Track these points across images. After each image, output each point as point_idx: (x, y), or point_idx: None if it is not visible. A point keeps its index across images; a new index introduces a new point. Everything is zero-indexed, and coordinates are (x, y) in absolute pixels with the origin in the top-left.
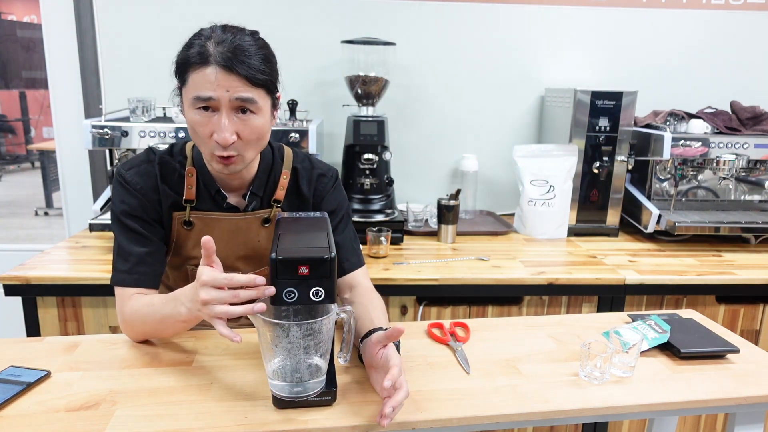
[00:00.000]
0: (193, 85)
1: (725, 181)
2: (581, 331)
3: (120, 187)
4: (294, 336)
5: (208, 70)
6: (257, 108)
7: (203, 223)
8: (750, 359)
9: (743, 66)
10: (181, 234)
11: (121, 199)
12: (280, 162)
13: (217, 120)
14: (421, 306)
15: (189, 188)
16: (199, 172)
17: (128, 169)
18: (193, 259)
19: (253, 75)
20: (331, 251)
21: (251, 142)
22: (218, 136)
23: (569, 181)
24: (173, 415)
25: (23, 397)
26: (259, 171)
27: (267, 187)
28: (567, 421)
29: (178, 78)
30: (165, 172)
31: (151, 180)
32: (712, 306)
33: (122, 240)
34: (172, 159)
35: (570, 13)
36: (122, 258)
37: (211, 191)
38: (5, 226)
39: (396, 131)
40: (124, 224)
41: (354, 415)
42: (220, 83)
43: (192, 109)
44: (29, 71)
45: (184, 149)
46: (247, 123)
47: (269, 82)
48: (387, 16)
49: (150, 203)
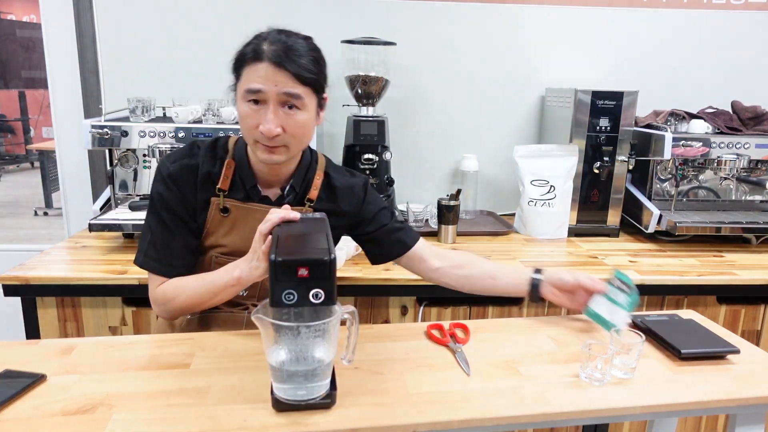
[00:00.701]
0: (246, 78)
1: (726, 181)
2: (582, 332)
3: (162, 179)
4: (298, 338)
5: (260, 65)
6: (303, 104)
7: (239, 211)
8: (750, 360)
9: (744, 66)
10: (216, 219)
11: (160, 192)
12: (315, 164)
13: (264, 112)
14: (422, 306)
15: (225, 179)
16: (237, 165)
17: (172, 162)
18: (220, 247)
19: (301, 73)
20: (331, 253)
21: (296, 136)
22: (264, 127)
23: (570, 181)
24: (171, 419)
25: (18, 401)
26: (298, 169)
27: (303, 184)
28: (568, 423)
29: (234, 73)
30: (206, 165)
31: (192, 174)
32: (713, 306)
33: (156, 230)
34: (214, 152)
35: (570, 13)
36: (155, 247)
37: (247, 185)
38: (5, 226)
39: (396, 131)
40: (159, 216)
41: (354, 418)
42: (270, 78)
43: (243, 102)
44: (29, 71)
45: (227, 144)
46: (292, 118)
47: (316, 82)
48: (387, 16)
49: (187, 197)
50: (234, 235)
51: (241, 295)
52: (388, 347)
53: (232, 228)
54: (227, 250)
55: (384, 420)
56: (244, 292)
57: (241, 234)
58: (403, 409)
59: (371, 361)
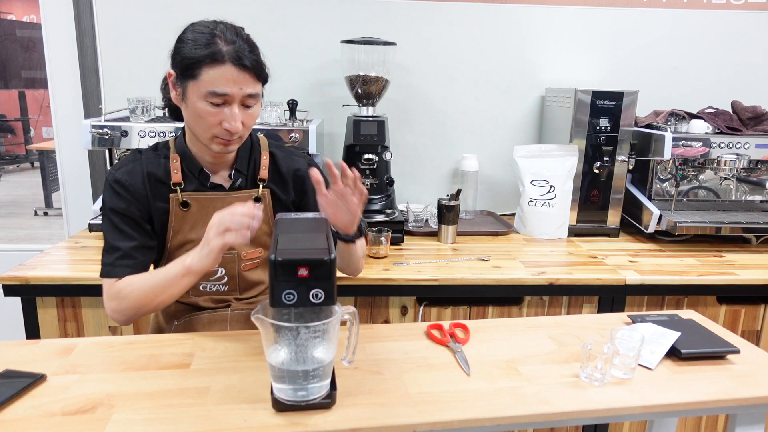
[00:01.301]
0: (208, 80)
1: (726, 181)
2: (582, 332)
3: (109, 186)
4: (298, 338)
5: (225, 68)
6: (256, 100)
7: (199, 204)
8: (750, 360)
9: (744, 66)
10: (178, 216)
11: (110, 198)
12: (257, 145)
13: (228, 112)
14: (422, 306)
15: (174, 172)
16: (182, 157)
17: (117, 169)
18: (189, 244)
19: (260, 72)
20: (331, 253)
21: (249, 128)
22: (229, 125)
23: (570, 181)
24: (171, 419)
25: (18, 401)
26: (240, 151)
27: (249, 166)
28: (568, 423)
29: (186, 72)
30: (151, 166)
31: (139, 177)
32: (713, 306)
33: (109, 236)
34: (157, 153)
35: (570, 13)
36: (108, 253)
37: (194, 172)
38: (5, 226)
39: (396, 131)
40: (111, 221)
41: (354, 418)
42: (236, 81)
43: (201, 100)
44: (29, 71)
45: (167, 143)
46: (248, 113)
47: (267, 77)
48: (387, 16)
49: (138, 200)
50: (200, 228)
51: (222, 290)
52: (388, 347)
53: (196, 222)
54: (196, 244)
55: (384, 420)
56: (224, 287)
57: (206, 226)
58: (403, 409)
59: (371, 361)
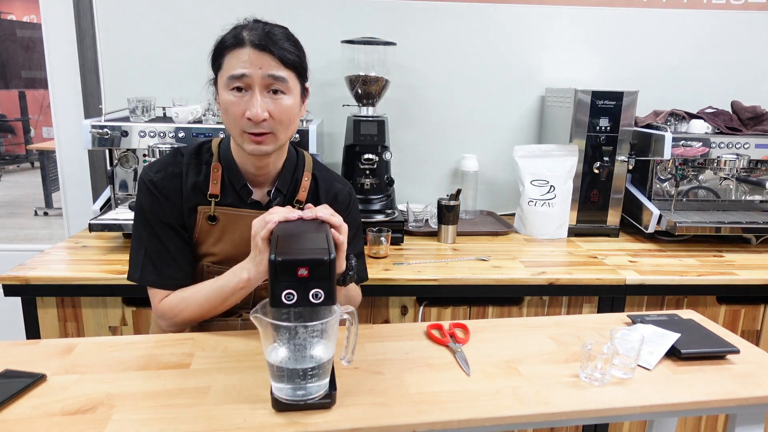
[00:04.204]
0: (228, 66)
1: (726, 181)
2: (581, 331)
3: (145, 188)
4: (297, 338)
5: (242, 50)
6: (288, 88)
7: (227, 218)
8: (750, 360)
9: (744, 66)
10: (204, 229)
11: (148, 203)
12: (302, 165)
13: (249, 98)
14: (422, 306)
15: (214, 183)
16: (225, 167)
17: (156, 171)
18: (211, 256)
19: (284, 55)
20: (331, 252)
21: (282, 122)
22: (250, 112)
23: (570, 181)
24: (171, 419)
25: (18, 401)
26: (284, 168)
27: (290, 186)
28: (568, 423)
29: (214, 66)
30: (191, 171)
31: (177, 182)
32: (712, 306)
33: (150, 241)
34: (198, 158)
35: (570, 13)
36: (150, 260)
37: (237, 186)
38: (5, 226)
39: (396, 131)
40: (150, 226)
41: (354, 418)
42: (254, 61)
43: (226, 91)
44: (29, 71)
45: (210, 146)
46: (278, 102)
47: (299, 65)
48: (387, 16)
49: (175, 206)
50: (224, 243)
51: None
52: (388, 347)
53: (222, 236)
54: (218, 259)
55: (384, 420)
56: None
57: (231, 242)
58: (403, 409)
59: (371, 361)
